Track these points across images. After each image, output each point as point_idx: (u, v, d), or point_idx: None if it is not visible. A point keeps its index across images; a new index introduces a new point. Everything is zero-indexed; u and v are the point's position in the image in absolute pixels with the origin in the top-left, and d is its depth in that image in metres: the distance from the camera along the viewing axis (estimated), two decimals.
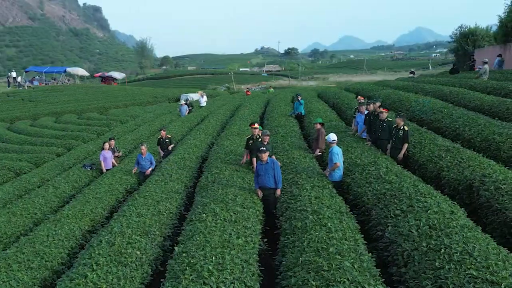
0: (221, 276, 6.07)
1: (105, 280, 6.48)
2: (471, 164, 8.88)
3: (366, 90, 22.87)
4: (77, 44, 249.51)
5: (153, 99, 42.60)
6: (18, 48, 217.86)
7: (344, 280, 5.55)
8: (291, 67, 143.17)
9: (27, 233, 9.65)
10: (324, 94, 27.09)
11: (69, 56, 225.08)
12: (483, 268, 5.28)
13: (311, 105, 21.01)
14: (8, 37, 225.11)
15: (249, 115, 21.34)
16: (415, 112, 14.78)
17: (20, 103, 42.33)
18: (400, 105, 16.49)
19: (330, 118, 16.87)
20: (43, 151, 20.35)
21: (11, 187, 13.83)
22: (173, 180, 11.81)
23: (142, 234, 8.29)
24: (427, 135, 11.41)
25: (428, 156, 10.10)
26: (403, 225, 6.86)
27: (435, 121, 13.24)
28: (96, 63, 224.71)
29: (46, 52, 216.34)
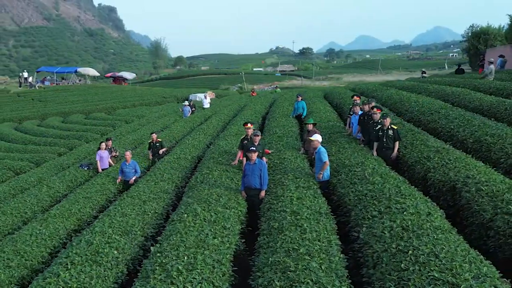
0: (189, 276, 6.13)
1: (76, 279, 6.59)
2: (457, 165, 8.82)
3: (370, 90, 22.78)
4: (92, 45, 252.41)
5: (162, 99, 42.92)
6: (33, 49, 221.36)
7: (308, 280, 5.58)
8: (305, 67, 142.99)
9: (14, 232, 9.84)
10: (330, 95, 27.01)
11: (83, 57, 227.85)
12: (446, 270, 5.26)
13: (313, 106, 20.97)
14: (23, 37, 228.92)
15: (251, 116, 21.39)
16: (414, 112, 14.70)
17: (30, 103, 43.02)
18: (400, 105, 16.42)
19: (329, 118, 16.83)
20: (45, 151, 20.68)
21: (8, 186, 14.10)
22: (164, 180, 11.93)
23: (122, 234, 8.42)
24: (420, 136, 11.35)
25: (417, 157, 10.05)
26: (377, 226, 6.85)
27: (431, 122, 13.15)
28: (110, 63, 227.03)
29: (61, 53, 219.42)
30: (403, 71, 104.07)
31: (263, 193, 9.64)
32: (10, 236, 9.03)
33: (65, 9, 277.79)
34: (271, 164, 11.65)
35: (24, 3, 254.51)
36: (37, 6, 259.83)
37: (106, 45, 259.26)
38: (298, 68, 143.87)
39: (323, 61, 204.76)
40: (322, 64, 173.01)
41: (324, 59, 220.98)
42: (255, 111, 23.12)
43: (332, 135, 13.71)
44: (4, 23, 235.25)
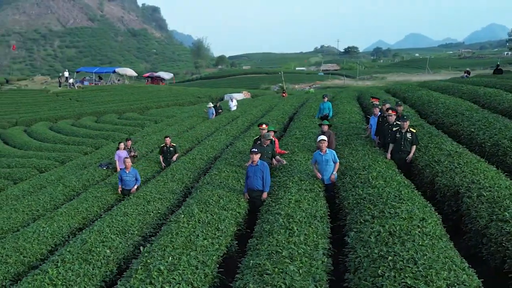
0: (169, 277, 6.28)
1: (63, 277, 6.85)
2: (465, 169, 8.62)
3: (403, 91, 22.44)
4: (135, 45, 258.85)
5: (196, 99, 43.60)
6: (77, 49, 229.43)
7: (281, 284, 5.62)
8: (350, 66, 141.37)
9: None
10: (362, 95, 26.72)
11: (126, 57, 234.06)
12: (421, 277, 5.19)
13: (341, 106, 20.83)
14: (68, 38, 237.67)
15: (278, 116, 21.46)
16: (438, 114, 14.39)
17: (67, 103, 44.65)
18: (427, 107, 16.11)
19: (352, 120, 16.67)
20: (72, 150, 21.46)
21: (28, 184, 14.73)
22: (174, 180, 12.18)
23: (119, 233, 8.68)
24: (436, 139, 11.13)
25: (427, 161, 9.87)
26: (366, 231, 6.80)
27: (454, 124, 12.85)
28: (152, 63, 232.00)
29: (104, 53, 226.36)
30: (453, 71, 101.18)
31: (265, 195, 9.70)
32: (13, 233, 9.44)
33: (109, 10, 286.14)
34: (281, 165, 11.68)
35: (69, 4, 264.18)
36: (82, 7, 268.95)
37: (149, 45, 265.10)
38: (342, 68, 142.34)
39: (369, 60, 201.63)
40: (367, 63, 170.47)
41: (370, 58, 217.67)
42: (284, 112, 23.16)
43: (350, 136, 13.60)
44: (50, 24, 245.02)
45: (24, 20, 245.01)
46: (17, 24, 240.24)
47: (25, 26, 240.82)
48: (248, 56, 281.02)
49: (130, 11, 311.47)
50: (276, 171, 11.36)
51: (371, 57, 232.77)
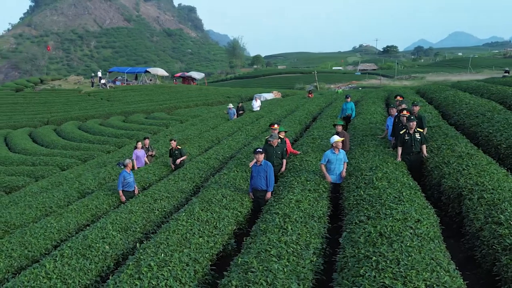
0: (158, 273, 6.49)
1: (59, 271, 7.15)
2: (471, 171, 8.52)
3: (431, 92, 22.12)
4: (170, 44, 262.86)
5: (226, 99, 43.92)
6: (113, 49, 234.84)
7: (262, 281, 5.75)
8: (388, 65, 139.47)
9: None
10: (391, 96, 26.42)
11: (161, 56, 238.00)
12: (400, 277, 5.22)
13: (366, 107, 20.71)
14: (104, 38, 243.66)
15: (301, 116, 21.52)
16: (460, 115, 14.16)
17: (98, 103, 45.85)
18: (451, 107, 15.87)
19: (373, 120, 16.56)
20: (95, 149, 22.09)
21: (47, 181, 15.29)
22: (185, 179, 12.43)
23: (121, 230, 8.96)
24: (449, 140, 10.99)
25: (437, 162, 9.78)
26: (358, 231, 6.82)
27: (474, 125, 12.64)
28: (187, 63, 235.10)
29: (139, 53, 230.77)
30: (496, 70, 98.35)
31: (269, 195, 9.82)
32: (21, 228, 9.86)
33: (145, 10, 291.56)
34: (291, 165, 11.77)
35: (106, 4, 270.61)
36: (119, 8, 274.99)
37: (184, 45, 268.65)
38: (380, 67, 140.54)
39: (409, 59, 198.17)
40: (407, 62, 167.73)
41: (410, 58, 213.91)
42: (308, 112, 23.18)
43: (365, 137, 13.54)
44: (87, 25, 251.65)
45: (62, 21, 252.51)
46: (55, 25, 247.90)
47: (63, 26, 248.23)
48: (285, 55, 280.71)
49: (166, 11, 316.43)
50: (286, 171, 11.45)
51: (412, 56, 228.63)
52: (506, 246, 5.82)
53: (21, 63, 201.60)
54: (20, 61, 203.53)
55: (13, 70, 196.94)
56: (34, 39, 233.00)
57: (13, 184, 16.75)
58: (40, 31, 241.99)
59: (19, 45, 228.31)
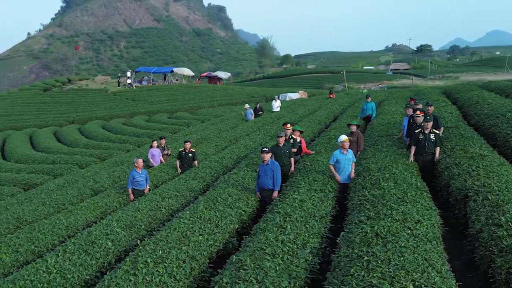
0: (154, 269, 6.65)
1: (60, 266, 7.38)
2: (481, 173, 8.40)
3: (456, 92, 21.80)
4: (199, 44, 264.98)
5: (250, 98, 44.07)
6: (143, 49, 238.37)
7: (252, 279, 5.83)
8: (421, 65, 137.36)
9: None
10: (417, 96, 26.07)
11: (190, 56, 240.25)
12: (389, 277, 5.23)
13: (388, 107, 20.55)
14: (134, 38, 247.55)
15: (322, 116, 21.53)
16: (481, 115, 13.94)
17: (123, 102, 46.65)
18: (473, 108, 15.64)
19: (392, 120, 16.41)
20: (115, 148, 22.53)
21: (63, 179, 15.68)
22: (196, 178, 12.59)
23: (125, 227, 9.16)
24: (464, 141, 10.84)
25: (447, 163, 9.68)
26: (355, 231, 6.83)
27: (493, 126, 12.44)
28: (216, 62, 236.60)
29: (168, 53, 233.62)
30: None
31: (275, 194, 9.89)
32: (30, 224, 10.18)
33: (175, 10, 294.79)
34: (302, 165, 11.80)
35: (136, 5, 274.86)
36: (148, 8, 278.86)
37: (213, 45, 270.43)
38: (413, 67, 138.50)
39: (444, 59, 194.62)
40: (441, 62, 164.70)
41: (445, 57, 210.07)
42: (329, 112, 23.13)
43: (381, 138, 13.45)
44: (117, 25, 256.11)
45: (92, 21, 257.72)
46: (85, 25, 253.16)
47: (93, 27, 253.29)
48: (315, 55, 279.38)
49: (196, 11, 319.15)
50: (296, 171, 11.49)
51: (447, 55, 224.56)
52: (502, 248, 5.75)
53: (51, 63, 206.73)
54: (51, 61, 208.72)
55: (44, 70, 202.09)
56: (65, 39, 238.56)
57: (31, 181, 17.26)
58: (71, 31, 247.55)
59: (50, 45, 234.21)
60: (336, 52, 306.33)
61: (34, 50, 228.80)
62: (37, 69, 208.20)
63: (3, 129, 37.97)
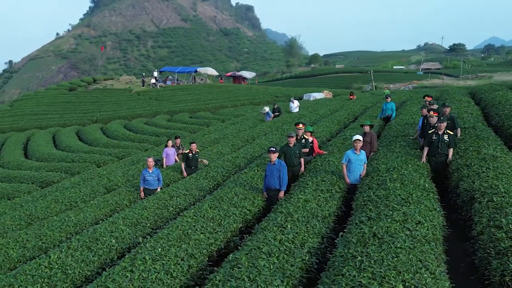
0: (151, 266, 6.79)
1: (62, 261, 7.58)
2: (490, 174, 8.30)
3: (482, 92, 21.43)
4: (226, 44, 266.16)
5: (273, 98, 44.13)
6: (170, 49, 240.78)
7: (244, 277, 5.92)
8: (454, 64, 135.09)
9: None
10: (441, 96, 25.73)
11: (217, 56, 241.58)
12: (379, 277, 5.25)
13: (409, 107, 20.41)
14: (161, 38, 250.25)
15: (342, 116, 21.47)
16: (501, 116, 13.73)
17: (146, 102, 47.30)
18: (495, 109, 15.39)
19: (411, 121, 16.27)
20: (133, 147, 22.89)
21: (79, 177, 16.03)
22: (207, 178, 12.72)
23: (130, 225, 9.34)
24: (478, 142, 10.70)
25: (459, 165, 9.59)
26: (354, 231, 6.84)
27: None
28: (243, 62, 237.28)
29: (195, 52, 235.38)
30: None
31: (281, 194, 9.95)
32: (40, 221, 10.46)
33: (203, 10, 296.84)
34: (313, 165, 11.82)
35: (163, 5, 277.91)
36: (176, 8, 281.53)
37: (241, 44, 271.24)
38: (445, 66, 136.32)
39: (478, 58, 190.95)
40: (475, 61, 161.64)
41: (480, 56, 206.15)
42: (350, 112, 23.05)
43: (396, 138, 13.37)
44: (145, 25, 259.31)
45: (120, 22, 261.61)
46: (113, 26, 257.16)
47: (121, 27, 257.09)
48: (345, 54, 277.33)
49: (223, 11, 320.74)
50: (306, 171, 11.51)
51: (481, 54, 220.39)
52: (500, 250, 5.70)
53: (79, 63, 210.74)
54: (79, 61, 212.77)
55: (72, 70, 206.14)
56: (93, 39, 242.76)
57: (49, 179, 17.71)
58: (99, 31, 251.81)
59: (78, 45, 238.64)
60: (367, 51, 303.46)
61: (62, 50, 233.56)
62: (65, 69, 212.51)
63: (28, 128, 38.99)
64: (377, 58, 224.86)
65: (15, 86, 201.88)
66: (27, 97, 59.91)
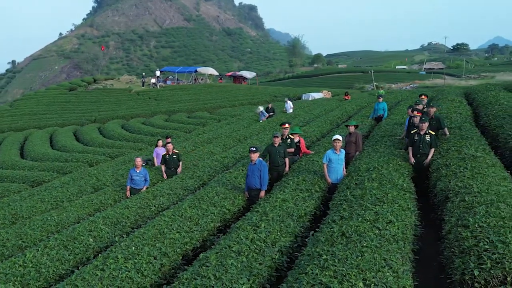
0: (123, 265, 6.84)
1: (37, 260, 7.64)
2: (467, 174, 8.32)
3: (474, 92, 21.41)
4: (229, 44, 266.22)
5: (272, 98, 44.12)
6: (172, 49, 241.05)
7: (210, 275, 6.01)
8: (457, 64, 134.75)
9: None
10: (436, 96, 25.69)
11: (220, 56, 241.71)
12: (340, 276, 5.28)
13: (401, 107, 20.38)
14: (164, 38, 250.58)
15: (335, 116, 21.55)
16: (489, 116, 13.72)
17: (145, 102, 47.43)
18: (485, 109, 15.37)
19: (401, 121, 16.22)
20: (128, 147, 22.98)
21: (69, 177, 16.11)
22: (193, 177, 12.75)
23: (110, 224, 9.39)
24: (461, 142, 10.71)
25: (438, 164, 9.62)
26: (324, 230, 6.88)
27: (498, 127, 12.24)
28: (246, 62, 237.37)
29: (198, 52, 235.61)
30: None
31: (262, 193, 9.99)
32: (22, 221, 10.52)
33: (206, 10, 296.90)
34: (297, 165, 11.86)
35: (166, 5, 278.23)
36: (179, 7, 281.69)
37: (244, 44, 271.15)
38: (448, 66, 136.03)
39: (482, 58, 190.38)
40: (478, 61, 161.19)
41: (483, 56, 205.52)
42: (344, 112, 23.09)
43: (383, 138, 13.39)
44: (147, 25, 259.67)
45: (123, 21, 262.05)
46: (116, 26, 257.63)
47: (124, 27, 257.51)
48: (348, 54, 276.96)
49: (227, 10, 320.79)
50: (290, 170, 11.54)
51: (485, 54, 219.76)
52: (464, 249, 5.70)
53: (82, 63, 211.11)
54: (81, 61, 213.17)
55: (75, 70, 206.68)
56: (96, 39, 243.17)
57: (40, 178, 17.81)
58: (102, 31, 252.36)
59: (81, 45, 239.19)
60: (370, 51, 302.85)
61: (65, 50, 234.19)
62: (68, 68, 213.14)
63: (26, 128, 39.16)
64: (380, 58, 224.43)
65: (18, 86, 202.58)
66: (27, 97, 60.25)
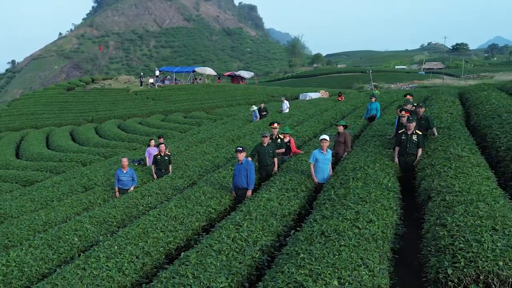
0: (104, 264, 6.86)
1: (21, 259, 7.67)
2: (450, 173, 8.36)
3: (468, 92, 21.52)
4: (229, 44, 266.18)
5: (269, 98, 44.13)
6: (172, 49, 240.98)
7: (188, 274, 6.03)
8: (456, 64, 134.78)
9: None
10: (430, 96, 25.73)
11: (220, 56, 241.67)
12: (315, 274, 5.31)
13: (392, 107, 20.43)
14: (164, 38, 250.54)
15: (329, 116, 21.59)
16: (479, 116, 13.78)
17: (143, 102, 47.45)
18: (476, 109, 15.45)
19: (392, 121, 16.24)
20: (122, 147, 23.02)
21: (61, 177, 16.14)
22: (183, 177, 12.78)
23: (96, 223, 9.42)
24: (448, 142, 10.75)
25: (424, 164, 9.66)
26: (305, 230, 6.91)
27: (486, 127, 12.32)
28: (246, 61, 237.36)
29: (198, 52, 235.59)
30: None
31: (249, 193, 10.03)
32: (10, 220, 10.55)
33: (205, 9, 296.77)
34: (286, 165, 11.90)
35: (166, 4, 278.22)
36: (179, 7, 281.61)
37: (243, 44, 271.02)
38: (447, 66, 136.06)
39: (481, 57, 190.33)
40: (477, 61, 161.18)
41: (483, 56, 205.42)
42: (338, 112, 23.13)
43: (373, 138, 13.42)
44: (147, 25, 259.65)
45: (123, 21, 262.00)
46: (116, 25, 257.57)
47: (123, 27, 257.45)
48: (348, 54, 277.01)
49: (226, 10, 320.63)
50: (279, 170, 11.57)
51: (485, 54, 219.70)
52: (440, 248, 5.73)
53: (82, 63, 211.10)
54: (81, 61, 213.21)
55: (74, 70, 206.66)
56: (96, 39, 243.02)
57: (32, 178, 17.86)
58: (102, 31, 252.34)
59: (81, 45, 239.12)
60: (370, 51, 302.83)
61: (65, 50, 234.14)
62: (68, 68, 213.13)
63: (23, 128, 39.17)
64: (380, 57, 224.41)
65: (17, 86, 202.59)
66: (25, 96, 60.30)
